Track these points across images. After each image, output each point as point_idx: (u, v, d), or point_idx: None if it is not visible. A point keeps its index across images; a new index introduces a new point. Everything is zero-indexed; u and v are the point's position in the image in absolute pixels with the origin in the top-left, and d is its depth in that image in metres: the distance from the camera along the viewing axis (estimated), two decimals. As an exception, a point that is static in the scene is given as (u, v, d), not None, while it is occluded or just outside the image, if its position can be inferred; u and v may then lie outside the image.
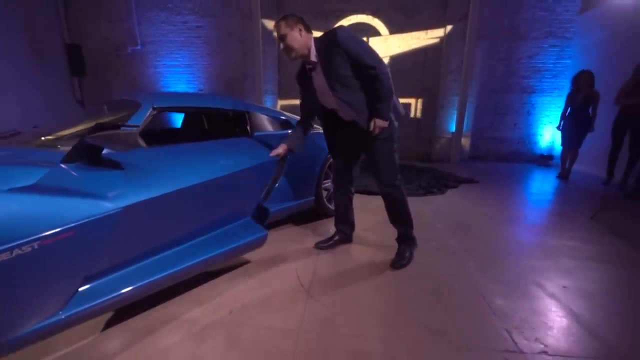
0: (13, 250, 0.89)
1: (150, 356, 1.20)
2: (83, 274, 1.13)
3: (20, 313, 0.98)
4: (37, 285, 1.00)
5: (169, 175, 1.41)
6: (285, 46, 1.79)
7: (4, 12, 5.92)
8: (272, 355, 1.23)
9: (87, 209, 1.08)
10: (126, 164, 1.33)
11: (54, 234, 0.98)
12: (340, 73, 1.75)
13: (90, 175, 1.24)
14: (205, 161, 1.64)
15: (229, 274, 1.83)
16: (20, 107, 6.22)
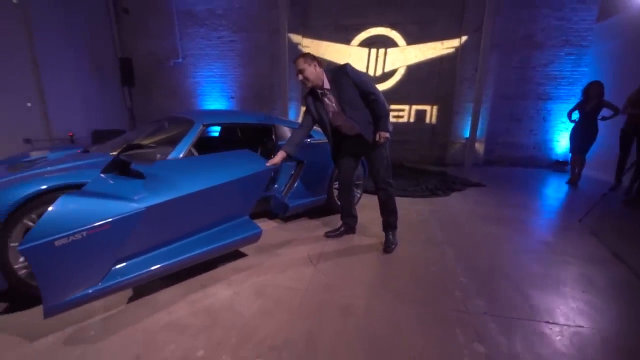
0: (69, 236, 1.38)
1: (203, 298, 1.78)
2: (116, 256, 1.59)
3: (73, 282, 1.45)
4: (84, 262, 1.46)
5: (179, 183, 1.82)
6: (303, 78, 2.28)
7: (71, 33, 6.95)
8: (285, 303, 1.76)
9: (119, 208, 1.54)
10: (147, 174, 1.80)
11: (96, 226, 1.45)
12: (349, 97, 2.26)
13: (122, 182, 1.73)
14: (209, 171, 2.01)
15: (257, 253, 2.39)
16: (82, 112, 7.25)
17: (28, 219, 1.60)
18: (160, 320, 1.61)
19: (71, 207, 1.40)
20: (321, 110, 2.42)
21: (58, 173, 1.78)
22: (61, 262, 1.35)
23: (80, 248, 1.39)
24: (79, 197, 1.47)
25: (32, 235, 1.28)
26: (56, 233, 1.32)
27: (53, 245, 1.30)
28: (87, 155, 2.36)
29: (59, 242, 1.32)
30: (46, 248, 1.29)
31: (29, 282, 1.64)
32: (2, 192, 1.56)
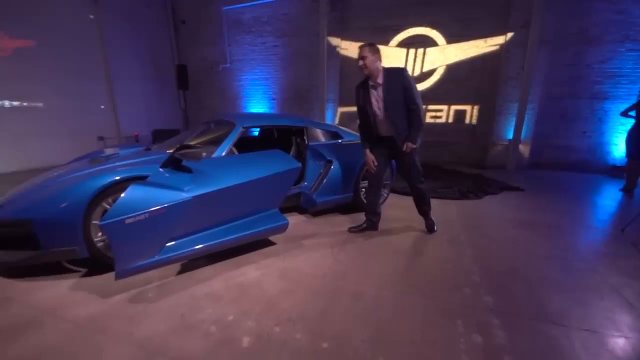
0: (136, 217, 1.75)
1: (236, 276, 2.09)
2: (168, 235, 1.95)
3: (137, 252, 1.82)
4: (146, 237, 1.83)
5: (219, 178, 2.16)
6: (364, 64, 2.47)
7: (137, 43, 7.89)
8: (304, 286, 2.01)
9: (173, 197, 1.91)
10: (194, 169, 2.16)
11: (155, 209, 1.82)
12: (395, 98, 2.48)
13: (175, 176, 2.10)
14: (245, 168, 2.32)
15: (285, 242, 2.67)
16: (144, 114, 8.19)
17: (106, 202, 2.04)
18: (201, 290, 1.95)
19: (138, 194, 1.79)
20: (367, 101, 2.61)
21: (127, 167, 2.21)
22: (129, 236, 1.74)
23: (143, 226, 1.77)
24: (143, 186, 1.85)
25: (109, 214, 1.68)
26: (126, 213, 1.70)
27: (124, 223, 1.69)
28: (149, 153, 2.82)
29: (129, 221, 1.70)
30: (119, 224, 1.68)
31: (103, 252, 2.08)
32: (87, 181, 2.01)
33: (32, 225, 1.92)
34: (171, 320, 1.67)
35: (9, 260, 1.99)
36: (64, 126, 6.42)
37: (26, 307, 1.79)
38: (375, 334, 1.58)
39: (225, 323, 1.65)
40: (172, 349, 1.47)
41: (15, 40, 5.61)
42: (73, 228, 1.94)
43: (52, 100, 6.19)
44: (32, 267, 2.13)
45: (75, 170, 2.42)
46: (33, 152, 5.93)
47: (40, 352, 1.45)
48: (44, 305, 1.80)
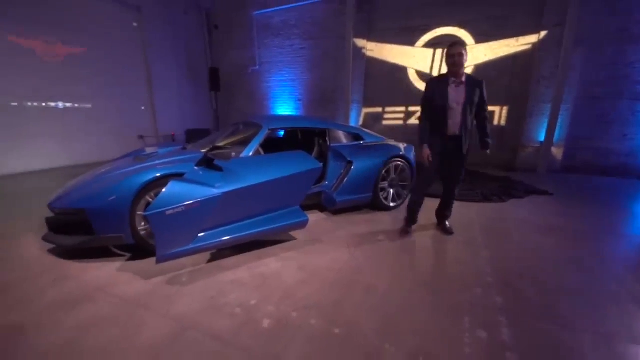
0: (174, 209, 1.99)
1: (259, 266, 2.29)
2: (201, 226, 2.17)
3: (174, 240, 2.05)
4: (182, 227, 2.06)
5: (247, 176, 2.36)
6: (454, 62, 2.51)
7: (175, 48, 8.40)
8: (320, 278, 2.16)
9: (206, 192, 2.14)
10: (225, 168, 2.39)
11: (191, 203, 2.05)
12: (473, 100, 2.57)
13: (208, 173, 2.34)
14: (269, 168, 2.51)
15: (305, 238, 2.84)
16: (179, 114, 8.70)
17: (149, 195, 2.31)
18: (228, 277, 2.16)
19: (176, 189, 2.04)
20: (444, 95, 2.58)
21: (166, 165, 2.48)
22: (169, 225, 1.99)
23: (180, 217, 2.02)
24: (181, 182, 2.10)
25: (153, 206, 1.93)
26: (167, 205, 1.95)
27: (164, 214, 1.93)
28: (184, 152, 3.09)
29: (169, 212, 1.95)
30: (161, 215, 1.93)
31: (145, 240, 2.36)
32: (133, 177, 2.29)
33: (86, 213, 2.23)
34: (202, 301, 1.89)
35: (67, 244, 2.32)
36: (109, 125, 7.03)
37: (80, 284, 2.08)
38: (383, 325, 1.70)
39: (249, 306, 1.84)
40: (203, 326, 1.68)
41: (67, 48, 6.23)
42: (121, 217, 2.23)
43: (99, 102, 6.80)
44: (84, 250, 2.45)
45: (121, 167, 2.74)
46: (82, 148, 6.56)
47: (93, 322, 1.71)
48: (96, 283, 2.09)
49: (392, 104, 7.50)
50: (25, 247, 2.65)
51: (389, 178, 3.61)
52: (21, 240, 2.78)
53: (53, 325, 1.69)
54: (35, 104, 5.79)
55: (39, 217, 3.36)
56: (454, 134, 2.64)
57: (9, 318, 1.74)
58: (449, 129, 2.64)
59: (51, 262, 2.39)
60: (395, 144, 3.81)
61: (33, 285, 2.08)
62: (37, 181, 5.12)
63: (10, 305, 1.86)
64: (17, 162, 5.61)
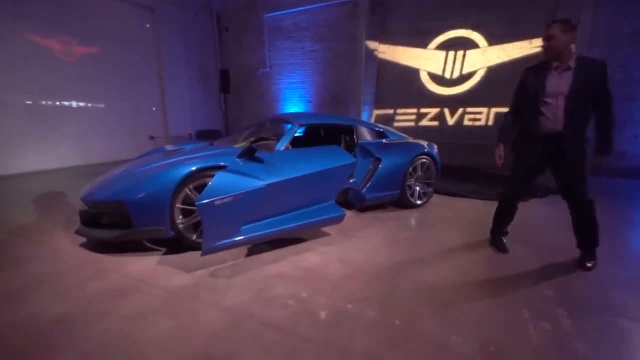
0: (223, 199, 1.96)
1: (300, 260, 2.25)
2: (245, 218, 2.15)
3: (220, 232, 2.02)
4: (228, 218, 2.04)
5: (287, 169, 2.36)
6: (548, 46, 2.04)
7: (186, 49, 8.41)
8: (364, 271, 2.12)
9: (251, 183, 2.12)
10: (266, 161, 2.38)
11: (237, 194, 2.02)
12: (584, 90, 1.98)
13: (251, 165, 2.32)
14: (308, 161, 2.52)
15: (338, 234, 2.80)
16: (189, 115, 8.68)
17: (188, 188, 2.28)
18: (270, 271, 2.12)
19: (224, 179, 2.02)
20: (540, 85, 2.12)
21: (204, 157, 2.45)
22: (216, 216, 1.95)
23: (227, 208, 1.98)
24: (229, 173, 2.08)
25: (202, 196, 1.90)
26: (216, 196, 1.92)
27: (214, 204, 1.90)
28: (213, 147, 3.07)
29: (217, 202, 1.92)
30: (210, 205, 1.89)
31: (184, 233, 2.32)
32: (173, 169, 2.25)
33: (124, 206, 2.19)
34: (250, 293, 1.85)
35: (104, 237, 2.27)
36: (121, 125, 6.99)
37: (122, 276, 2.04)
38: (443, 316, 1.67)
39: (300, 298, 1.80)
40: (257, 316, 1.64)
41: (82, 47, 6.23)
42: (161, 210, 2.19)
43: (112, 102, 6.78)
44: (117, 244, 2.40)
45: (152, 161, 2.70)
46: (94, 148, 6.52)
47: (144, 312, 1.67)
48: (137, 276, 2.04)
49: (404, 106, 7.52)
50: (57, 241, 2.60)
51: (415, 175, 3.59)
52: (51, 235, 2.73)
53: (102, 315, 1.64)
54: (50, 102, 5.76)
55: (63, 213, 3.32)
56: (554, 132, 2.08)
57: (55, 309, 1.69)
58: (545, 124, 2.11)
59: (86, 255, 2.34)
60: (418, 142, 3.80)
61: (73, 276, 2.03)
62: (53, 179, 5.07)
63: (54, 297, 1.81)
64: (30, 160, 5.55)
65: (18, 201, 3.84)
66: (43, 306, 1.72)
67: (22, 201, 3.85)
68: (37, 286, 1.92)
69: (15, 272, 2.10)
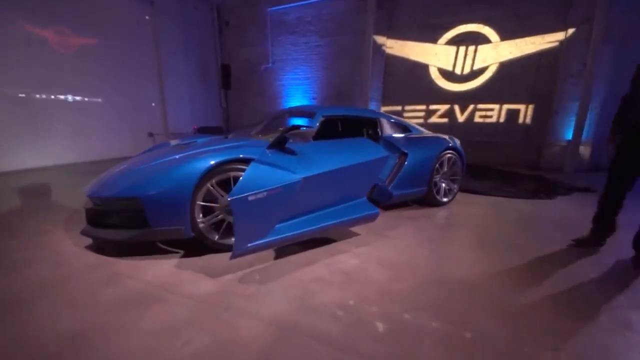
0: (257, 195, 1.74)
1: (336, 263, 2.03)
2: (279, 216, 1.94)
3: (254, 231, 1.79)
4: (262, 216, 1.82)
5: (322, 161, 2.15)
6: None
7: (186, 44, 8.12)
8: (409, 274, 1.90)
9: (286, 177, 1.91)
10: (298, 152, 2.16)
11: (272, 188, 1.81)
12: None
13: (283, 157, 2.09)
14: (340, 154, 2.31)
15: (368, 234, 2.58)
16: (189, 111, 8.40)
17: (210, 183, 2.03)
18: (306, 275, 1.90)
19: (258, 172, 1.77)
20: None
21: (226, 149, 2.20)
22: (250, 213, 1.72)
23: (261, 205, 1.74)
24: (262, 165, 1.84)
25: (235, 191, 1.66)
26: (249, 190, 1.68)
27: (247, 200, 1.66)
28: (229, 140, 2.82)
29: (251, 198, 1.68)
30: (244, 201, 1.66)
31: (204, 234, 2.07)
32: (194, 162, 2.01)
33: (140, 203, 1.94)
34: (290, 301, 1.62)
35: (117, 238, 2.02)
36: (119, 121, 6.68)
37: (140, 283, 1.79)
38: (514, 326, 1.46)
39: (349, 307, 1.58)
40: (305, 328, 1.41)
41: (79, 38, 5.91)
42: (181, 207, 1.95)
43: (109, 97, 6.46)
44: (129, 246, 2.15)
45: (166, 154, 2.44)
46: (91, 144, 6.19)
47: (173, 325, 1.43)
48: (156, 282, 1.80)
49: (412, 102, 7.34)
50: (59, 243, 2.34)
51: (442, 171, 3.40)
52: (52, 236, 2.46)
53: (122, 330, 1.40)
54: (44, 96, 5.43)
55: (63, 212, 3.05)
56: None
57: (64, 322, 1.44)
58: None
59: (93, 258, 2.09)
60: (442, 136, 3.61)
61: (82, 283, 1.77)
62: (48, 177, 4.76)
63: (62, 307, 1.55)
64: (23, 157, 5.22)
65: (13, 200, 3.55)
66: (49, 319, 1.47)
67: (18, 200, 3.55)
68: (41, 295, 1.67)
69: (14, 279, 1.83)
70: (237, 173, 2.07)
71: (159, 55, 7.30)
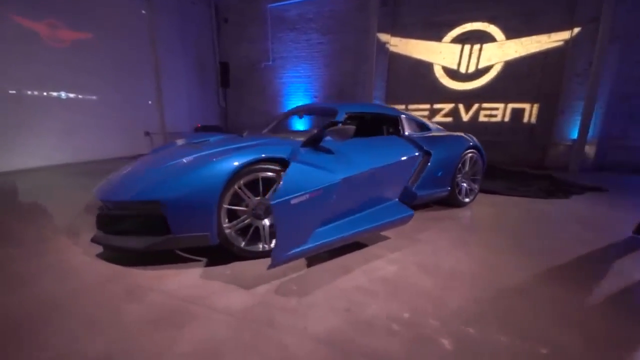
0: (299, 197, 1.59)
1: (374, 270, 1.88)
2: (319, 220, 1.80)
3: (294, 238, 1.64)
4: (303, 221, 1.68)
5: (357, 161, 2.03)
6: None
7: (183, 41, 7.87)
8: (456, 280, 1.78)
9: (326, 177, 1.77)
10: (334, 150, 2.03)
11: (314, 190, 1.66)
12: None
13: (319, 156, 1.96)
14: (374, 153, 2.21)
15: (398, 237, 2.44)
16: (186, 110, 8.14)
17: (237, 184, 1.86)
18: (345, 284, 1.74)
19: (299, 173, 1.61)
20: None
21: (249, 148, 2.02)
22: (292, 218, 1.55)
23: (303, 208, 1.59)
24: (302, 165, 1.67)
25: (278, 193, 1.49)
26: (291, 193, 1.52)
27: (290, 204, 1.50)
28: (248, 138, 2.65)
29: (294, 201, 1.52)
30: (286, 205, 1.49)
31: (231, 240, 1.90)
32: (221, 161, 1.83)
33: (161, 207, 1.76)
34: (337, 314, 1.47)
35: (136, 247, 1.82)
36: (114, 120, 6.39)
37: (163, 296, 1.61)
38: (584, 336, 1.34)
39: (404, 321, 1.44)
40: (362, 345, 1.26)
41: (73, 32, 5.61)
42: (208, 211, 1.77)
43: (104, 94, 6.17)
44: (143, 256, 1.97)
45: (181, 153, 2.26)
46: (85, 144, 5.90)
47: (214, 346, 1.26)
48: (183, 295, 1.62)
49: (416, 101, 7.26)
50: (64, 252, 2.13)
51: (463, 171, 3.29)
52: (55, 244, 2.25)
53: (159, 352, 1.22)
54: (36, 92, 5.13)
55: (63, 217, 2.82)
56: None
57: (83, 347, 1.26)
58: None
59: (107, 269, 1.89)
60: (462, 135, 3.51)
61: (99, 299, 1.58)
62: (41, 178, 4.48)
63: (79, 328, 1.37)
64: (14, 157, 4.90)
65: (6, 204, 3.29)
66: (69, 342, 1.28)
67: (11, 204, 3.30)
68: (54, 313, 1.47)
69: (21, 295, 1.63)
70: (265, 173, 1.91)
71: (156, 51, 7.02)
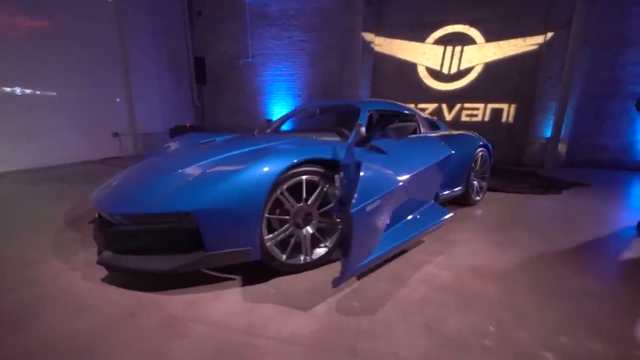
0: (372, 204, 1.42)
1: (428, 278, 1.76)
2: (384, 226, 1.68)
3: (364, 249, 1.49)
4: (374, 230, 1.54)
5: (406, 162, 1.89)
6: None
7: (155, 34, 7.26)
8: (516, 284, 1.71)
9: (392, 180, 1.63)
10: (386, 150, 1.91)
11: (384, 195, 1.51)
12: None
13: (375, 157, 1.83)
14: (418, 153, 2.10)
15: (430, 240, 2.33)
16: (159, 108, 7.53)
17: (280, 190, 1.64)
18: (409, 296, 1.59)
19: (369, 178, 1.43)
20: None
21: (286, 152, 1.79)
22: (366, 227, 1.38)
23: (374, 215, 1.41)
24: (371, 168, 1.49)
25: (357, 200, 1.30)
26: (366, 199, 1.34)
27: (365, 211, 1.32)
28: (264, 138, 2.40)
29: (369, 208, 1.34)
30: (363, 212, 1.31)
31: (272, 254, 1.68)
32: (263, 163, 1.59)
33: (194, 220, 1.49)
34: (421, 332, 1.32)
35: (162, 269, 1.52)
36: (78, 119, 5.71)
37: (209, 327, 1.35)
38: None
39: (493, 335, 1.32)
40: (469, 372, 1.12)
41: (30, 19, 4.90)
42: (251, 223, 1.53)
43: (66, 90, 5.48)
44: (158, 278, 1.68)
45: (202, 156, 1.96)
46: (44, 146, 5.19)
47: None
48: (235, 324, 1.37)
49: (401, 101, 7.26)
50: (61, 277, 1.75)
51: (475, 169, 3.30)
52: (46, 267, 1.86)
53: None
54: (-16, 87, 4.39)
55: (41, 233, 2.38)
56: None
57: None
58: None
59: (125, 297, 1.57)
60: (472, 133, 3.53)
61: (131, 338, 1.29)
62: (-5, 188, 3.83)
63: (122, 378, 1.08)
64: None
65: (-42, 219, 2.73)
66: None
67: (-35, 219, 2.74)
68: (76, 360, 1.16)
69: (23, 339, 1.28)
70: (311, 177, 1.70)
71: (124, 43, 6.39)
